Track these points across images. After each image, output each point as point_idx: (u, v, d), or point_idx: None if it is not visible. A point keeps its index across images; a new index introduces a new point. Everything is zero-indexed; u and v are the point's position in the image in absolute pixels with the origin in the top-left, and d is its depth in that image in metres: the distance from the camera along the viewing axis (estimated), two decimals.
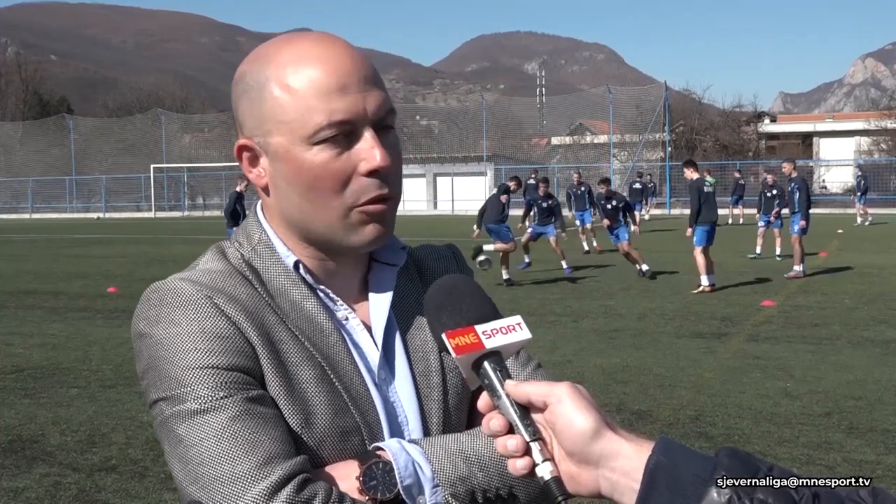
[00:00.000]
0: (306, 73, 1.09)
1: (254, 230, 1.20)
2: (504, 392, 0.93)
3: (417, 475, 1.05)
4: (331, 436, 1.09)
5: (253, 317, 1.10)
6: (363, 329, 1.18)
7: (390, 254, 1.25)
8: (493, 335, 0.95)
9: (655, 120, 52.07)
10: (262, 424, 1.03)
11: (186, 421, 1.03)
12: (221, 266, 1.16)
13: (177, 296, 1.09)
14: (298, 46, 1.12)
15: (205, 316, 1.07)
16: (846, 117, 72.01)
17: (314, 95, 1.08)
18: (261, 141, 1.14)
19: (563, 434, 0.89)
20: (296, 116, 1.09)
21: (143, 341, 1.10)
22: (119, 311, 12.00)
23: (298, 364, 1.10)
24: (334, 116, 1.08)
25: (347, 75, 1.09)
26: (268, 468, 0.99)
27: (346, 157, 1.10)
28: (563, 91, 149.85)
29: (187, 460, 1.02)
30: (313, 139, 1.09)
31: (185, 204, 60.87)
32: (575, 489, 0.90)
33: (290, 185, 1.13)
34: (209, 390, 1.03)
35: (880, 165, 51.27)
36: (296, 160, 1.11)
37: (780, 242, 18.67)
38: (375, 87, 1.12)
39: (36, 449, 5.68)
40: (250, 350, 1.07)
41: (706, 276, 13.34)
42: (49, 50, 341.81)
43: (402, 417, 1.16)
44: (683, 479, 0.82)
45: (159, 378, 1.06)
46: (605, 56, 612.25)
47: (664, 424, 6.12)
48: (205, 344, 1.05)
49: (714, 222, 13.84)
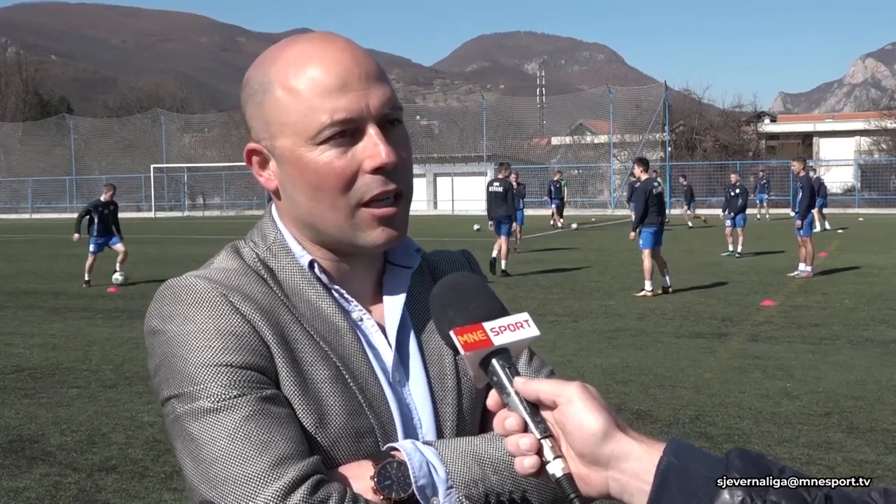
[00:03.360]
0: (307, 73, 1.09)
1: (269, 230, 1.19)
2: (513, 389, 0.92)
3: (432, 476, 1.05)
4: (345, 436, 1.08)
5: (268, 315, 1.09)
6: (378, 330, 1.18)
7: (405, 256, 1.24)
8: (500, 332, 0.95)
9: (655, 120, 52.08)
10: (276, 424, 1.02)
11: (199, 419, 1.02)
12: (237, 265, 1.15)
13: (191, 293, 1.09)
14: (299, 47, 1.12)
15: (220, 314, 1.07)
16: (846, 117, 72.01)
17: (316, 95, 1.08)
18: (268, 144, 1.14)
19: (574, 435, 0.88)
20: (299, 118, 1.09)
21: (156, 338, 1.09)
22: (119, 311, 12.01)
23: (313, 363, 1.10)
24: (336, 115, 1.07)
25: (348, 73, 1.09)
26: (281, 469, 0.98)
27: (350, 156, 1.09)
28: (563, 91, 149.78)
29: (199, 459, 1.01)
30: (317, 139, 1.08)
31: (185, 204, 60.87)
32: (584, 490, 0.89)
33: (297, 187, 1.12)
34: (223, 388, 1.02)
35: (880, 165, 51.25)
36: (301, 161, 1.10)
37: (742, 241, 19.35)
38: (379, 83, 1.11)
39: (36, 449, 5.68)
40: (265, 349, 1.07)
41: (649, 280, 12.98)
42: (49, 50, 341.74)
43: (416, 419, 1.15)
44: (695, 480, 0.81)
45: (172, 375, 1.05)
46: (605, 56, 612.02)
47: (664, 424, 6.12)
48: (219, 342, 1.05)
49: (662, 224, 13.33)
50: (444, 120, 74.76)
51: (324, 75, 1.08)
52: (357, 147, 1.09)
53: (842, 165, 52.62)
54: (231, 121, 67.65)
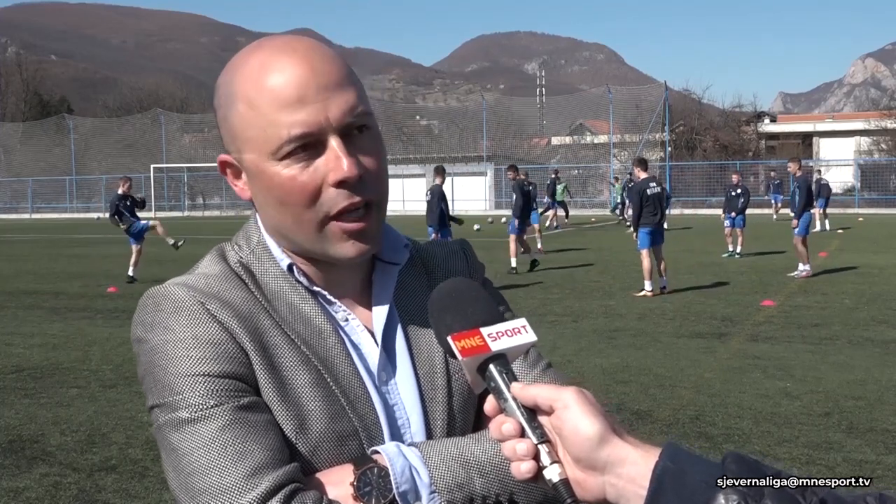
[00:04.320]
0: (266, 85, 1.06)
1: (253, 233, 1.19)
2: (510, 395, 0.92)
3: (414, 481, 1.04)
4: (326, 441, 1.07)
5: (247, 322, 1.09)
6: (364, 330, 1.17)
7: (393, 252, 1.22)
8: (498, 338, 0.95)
9: (655, 120, 52.07)
10: (253, 433, 1.02)
11: (178, 430, 1.02)
12: (219, 269, 1.15)
13: (170, 302, 1.09)
14: (260, 57, 1.09)
15: (197, 322, 1.07)
16: (846, 117, 72.00)
17: (274, 109, 1.06)
18: (237, 157, 1.13)
19: (570, 439, 0.89)
20: (259, 133, 1.07)
21: (140, 346, 1.10)
22: (119, 311, 12.01)
23: (293, 369, 1.09)
24: (294, 130, 1.05)
25: (305, 85, 1.05)
26: (256, 478, 0.98)
27: (313, 170, 1.07)
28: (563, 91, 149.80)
29: (179, 469, 1.02)
30: (278, 154, 1.07)
31: (185, 204, 60.87)
32: (581, 495, 0.89)
33: (266, 200, 1.12)
34: (201, 398, 1.03)
35: (880, 165, 51.26)
36: (265, 175, 1.09)
37: (741, 241, 19.41)
38: (339, 91, 1.07)
39: (36, 449, 5.68)
40: (243, 356, 1.07)
41: (649, 280, 13.01)
42: (49, 50, 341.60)
43: (404, 420, 1.14)
44: (691, 484, 0.82)
45: (154, 384, 1.06)
46: (605, 56, 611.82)
47: (664, 424, 6.12)
48: (197, 351, 1.05)
49: (659, 224, 13.34)
50: (443, 120, 74.77)
51: (281, 88, 1.06)
52: (319, 161, 1.07)
53: (842, 165, 52.62)
54: None
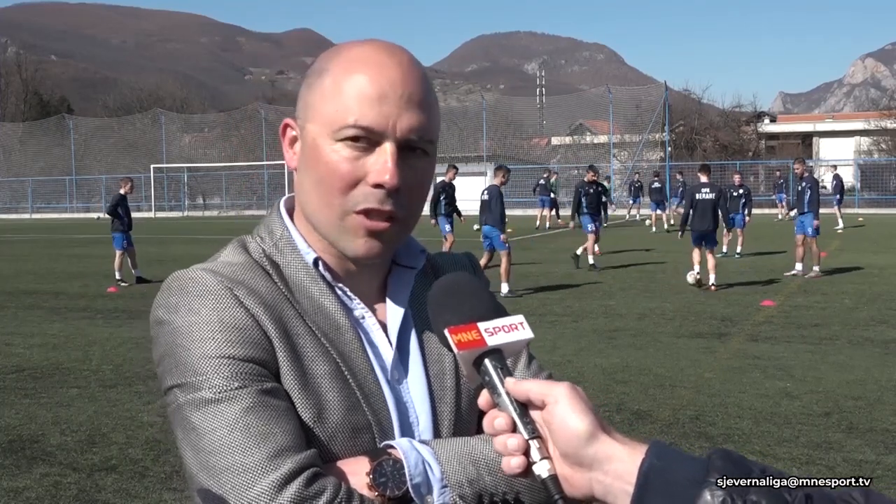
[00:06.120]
0: (356, 75, 1.12)
1: (276, 226, 1.22)
2: (504, 389, 0.93)
3: (427, 474, 1.06)
4: (342, 431, 1.10)
5: (271, 310, 1.11)
6: (379, 329, 1.20)
7: (410, 257, 1.27)
8: (495, 333, 0.96)
9: (655, 120, 52.07)
10: (275, 416, 1.03)
11: (200, 409, 1.04)
12: (242, 259, 1.18)
13: (197, 285, 1.11)
14: (364, 50, 1.15)
15: (224, 306, 1.09)
16: (846, 117, 72.05)
17: (353, 97, 1.11)
18: (301, 124, 1.18)
19: (558, 435, 0.89)
20: (331, 109, 1.12)
21: (161, 328, 1.11)
22: (119, 311, 12.01)
23: (314, 359, 1.11)
24: (361, 120, 1.10)
25: (390, 87, 1.11)
26: (278, 460, 1.00)
27: (360, 163, 1.12)
28: (563, 91, 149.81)
29: (199, 448, 1.03)
30: (337, 135, 1.11)
31: (185, 204, 60.86)
32: (568, 491, 0.90)
33: (308, 174, 1.16)
34: (224, 380, 1.04)
35: (880, 165, 51.26)
36: (317, 150, 1.14)
37: (741, 241, 19.59)
38: (416, 109, 1.12)
39: (36, 449, 5.68)
40: (267, 343, 1.09)
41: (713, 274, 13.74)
42: (49, 50, 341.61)
43: (414, 417, 1.17)
44: (677, 482, 0.83)
45: (175, 365, 1.07)
46: (605, 56, 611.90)
47: (664, 424, 6.11)
48: (222, 334, 1.07)
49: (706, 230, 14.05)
50: (443, 120, 73.70)
51: (368, 82, 1.11)
52: (369, 158, 1.12)
53: (841, 165, 52.53)
54: (231, 121, 67.68)
